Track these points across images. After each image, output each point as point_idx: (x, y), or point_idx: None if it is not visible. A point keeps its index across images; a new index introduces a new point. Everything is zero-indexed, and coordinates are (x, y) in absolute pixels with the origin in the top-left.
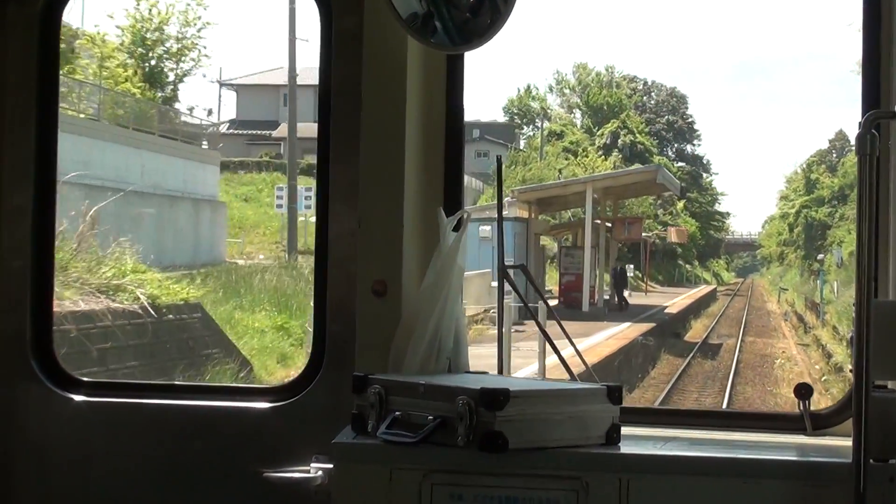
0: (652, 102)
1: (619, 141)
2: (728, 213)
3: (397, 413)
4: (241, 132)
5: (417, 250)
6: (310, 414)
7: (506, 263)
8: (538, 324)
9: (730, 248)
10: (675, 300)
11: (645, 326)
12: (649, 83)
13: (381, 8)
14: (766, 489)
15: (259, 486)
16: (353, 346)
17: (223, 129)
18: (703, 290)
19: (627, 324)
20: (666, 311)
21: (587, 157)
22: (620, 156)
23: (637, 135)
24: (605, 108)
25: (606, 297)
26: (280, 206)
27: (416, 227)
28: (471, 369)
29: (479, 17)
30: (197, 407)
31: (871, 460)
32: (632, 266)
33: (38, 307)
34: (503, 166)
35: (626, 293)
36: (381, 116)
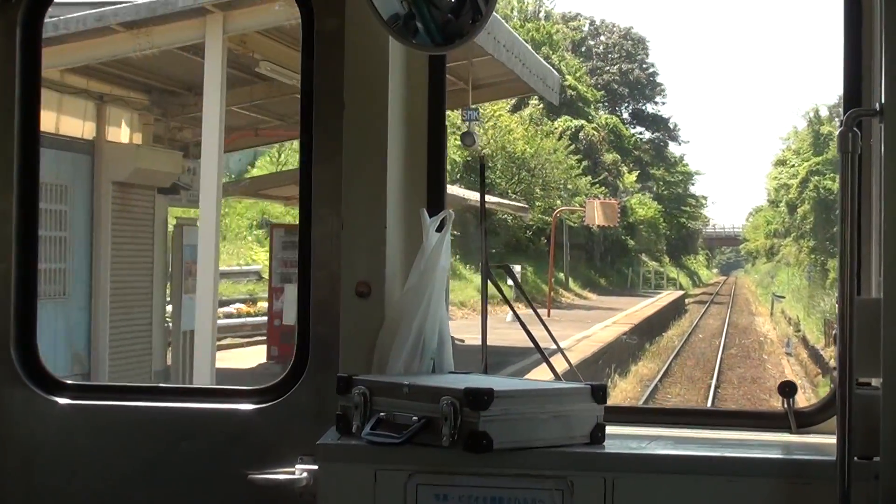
0: (600, 48)
1: None
2: (704, 198)
3: (382, 414)
4: None
5: (401, 251)
6: (294, 415)
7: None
8: (521, 323)
9: (710, 243)
10: (596, 328)
11: None
12: (597, 23)
13: (362, 9)
14: (750, 487)
15: (244, 488)
16: (337, 348)
17: None
18: (664, 298)
19: None
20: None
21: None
22: (541, 105)
23: (568, 77)
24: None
25: None
26: None
27: (400, 228)
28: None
29: (461, 17)
30: (182, 409)
31: (856, 458)
32: (518, 268)
33: (22, 311)
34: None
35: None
36: (364, 117)
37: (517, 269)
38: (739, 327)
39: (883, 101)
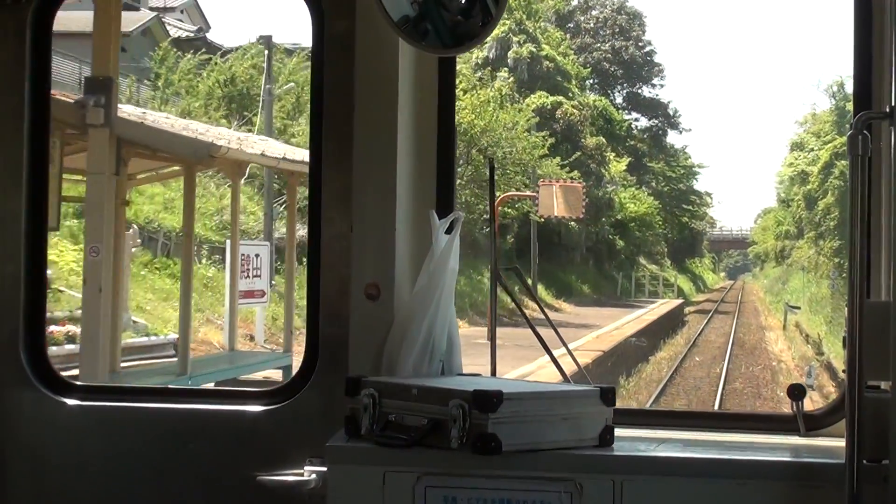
0: (591, 24)
1: (511, 53)
2: (709, 195)
3: (391, 416)
4: None
5: (410, 253)
6: (303, 417)
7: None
8: (531, 325)
9: (716, 246)
10: (546, 359)
11: None
12: None
13: (372, 11)
14: (759, 490)
15: (253, 490)
16: (346, 349)
17: None
18: (657, 309)
19: None
20: None
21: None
22: (512, 77)
23: (543, 46)
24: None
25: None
26: None
27: (409, 230)
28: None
29: (471, 19)
30: (190, 410)
31: (865, 461)
32: None
33: (31, 311)
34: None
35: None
36: (374, 119)
37: None
38: (747, 347)
39: (893, 103)
